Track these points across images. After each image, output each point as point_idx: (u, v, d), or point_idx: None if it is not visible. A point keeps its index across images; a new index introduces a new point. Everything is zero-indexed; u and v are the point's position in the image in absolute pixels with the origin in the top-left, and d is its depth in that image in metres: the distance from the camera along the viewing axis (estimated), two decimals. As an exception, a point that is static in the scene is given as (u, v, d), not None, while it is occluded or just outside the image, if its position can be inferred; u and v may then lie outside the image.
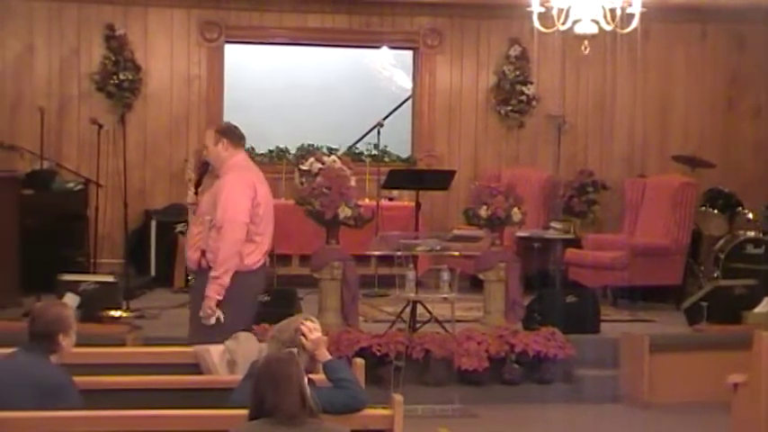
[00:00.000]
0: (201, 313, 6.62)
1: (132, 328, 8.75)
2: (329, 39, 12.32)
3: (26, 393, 4.83)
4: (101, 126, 10.54)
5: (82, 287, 8.69)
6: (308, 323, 5.04)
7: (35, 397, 4.81)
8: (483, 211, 9.04)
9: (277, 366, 4.16)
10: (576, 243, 11.13)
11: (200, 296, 6.67)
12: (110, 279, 9.31)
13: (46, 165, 10.88)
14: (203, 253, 6.72)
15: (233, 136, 6.92)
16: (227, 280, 6.61)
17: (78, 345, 5.22)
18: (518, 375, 8.62)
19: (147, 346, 7.79)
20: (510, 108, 12.26)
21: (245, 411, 4.23)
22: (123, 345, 7.79)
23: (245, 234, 6.69)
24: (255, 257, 6.79)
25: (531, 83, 12.24)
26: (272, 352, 4.88)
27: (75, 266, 10.06)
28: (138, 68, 11.63)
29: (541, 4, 9.32)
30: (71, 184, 10.97)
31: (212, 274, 6.62)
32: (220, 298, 6.60)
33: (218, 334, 6.26)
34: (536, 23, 9.37)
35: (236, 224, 6.65)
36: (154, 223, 11.26)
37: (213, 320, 6.59)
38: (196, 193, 7.11)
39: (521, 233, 10.70)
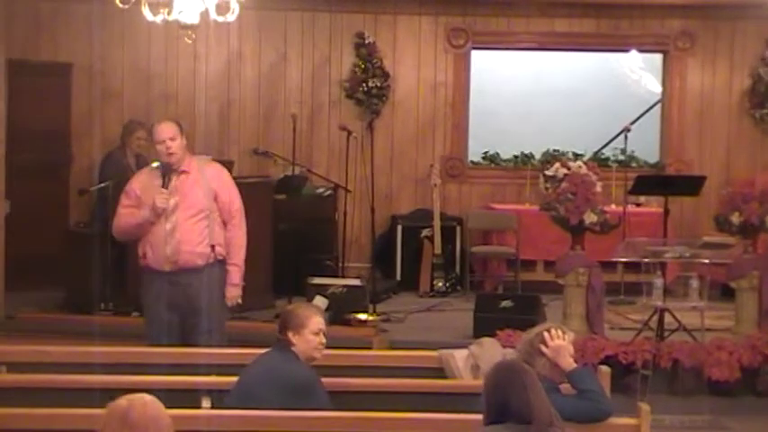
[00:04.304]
0: (230, 302, 6.81)
1: (378, 332, 8.89)
2: (577, 43, 12.19)
3: (274, 391, 4.97)
4: (350, 132, 10.70)
5: (330, 290, 8.91)
6: (554, 331, 4.99)
7: (283, 394, 4.94)
8: (735, 218, 8.81)
9: (522, 372, 4.01)
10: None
11: (218, 288, 6.76)
12: (357, 283, 9.50)
13: (297, 170, 11.17)
14: (212, 247, 6.76)
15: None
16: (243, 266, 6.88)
17: (326, 346, 5.34)
18: (773, 387, 8.34)
19: (392, 349, 7.90)
20: (766, 111, 11.85)
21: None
22: (370, 347, 7.93)
23: None
24: None
25: (788, 85, 11.81)
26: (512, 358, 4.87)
27: (323, 270, 10.28)
28: (386, 75, 11.80)
29: (800, 3, 8.97)
30: (321, 190, 11.20)
31: (235, 261, 6.80)
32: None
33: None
34: (794, 23, 9.02)
35: (243, 212, 6.88)
36: (400, 228, 11.40)
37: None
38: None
39: (776, 241, 10.34)
